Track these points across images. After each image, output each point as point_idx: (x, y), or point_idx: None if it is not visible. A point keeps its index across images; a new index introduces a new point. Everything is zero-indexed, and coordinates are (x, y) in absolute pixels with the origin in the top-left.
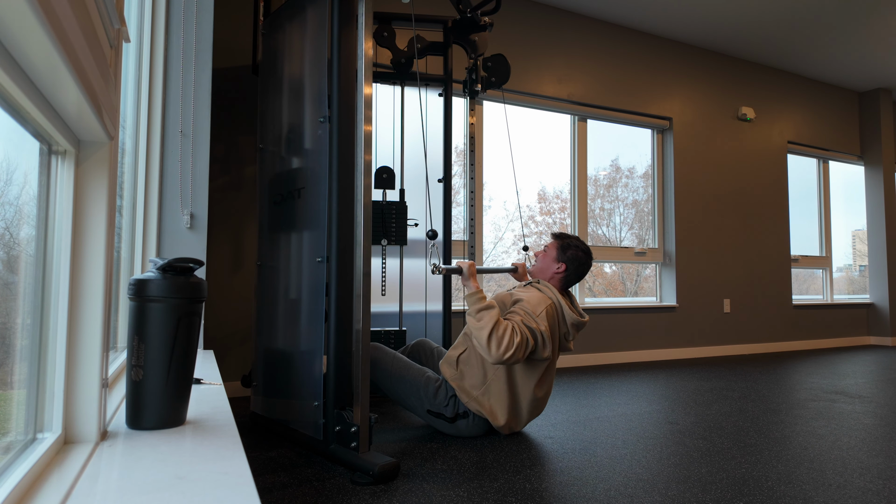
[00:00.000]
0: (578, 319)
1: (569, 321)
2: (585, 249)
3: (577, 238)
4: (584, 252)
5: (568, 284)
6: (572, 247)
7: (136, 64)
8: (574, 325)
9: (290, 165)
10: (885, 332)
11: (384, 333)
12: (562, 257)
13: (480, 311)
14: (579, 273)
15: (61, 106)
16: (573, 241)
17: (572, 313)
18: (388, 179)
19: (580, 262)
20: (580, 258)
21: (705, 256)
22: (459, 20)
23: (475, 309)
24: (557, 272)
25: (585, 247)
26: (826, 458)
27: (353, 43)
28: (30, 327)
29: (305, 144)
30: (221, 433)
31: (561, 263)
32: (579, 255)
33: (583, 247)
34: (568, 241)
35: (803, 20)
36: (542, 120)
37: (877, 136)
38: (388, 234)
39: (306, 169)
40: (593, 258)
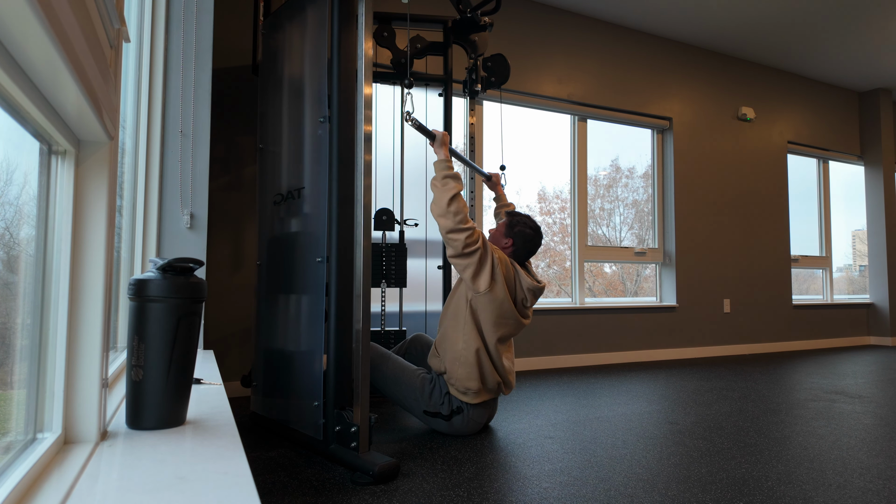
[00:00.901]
0: (535, 285)
1: (525, 286)
2: (534, 227)
3: (527, 217)
4: (531, 229)
5: (518, 258)
6: (519, 223)
7: (136, 64)
8: (530, 290)
9: (290, 165)
10: (885, 332)
11: (384, 333)
12: (509, 233)
13: (447, 178)
14: (528, 248)
15: (61, 106)
16: (521, 218)
17: (528, 279)
18: (387, 221)
19: (527, 238)
20: (527, 234)
21: (705, 256)
22: (459, 20)
23: (442, 174)
24: (506, 247)
25: (535, 224)
26: (826, 458)
27: (353, 43)
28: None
29: (305, 144)
30: (221, 433)
31: (508, 238)
32: (527, 231)
33: (531, 224)
34: (516, 218)
35: (803, 20)
36: (542, 120)
37: (877, 136)
38: (387, 277)
39: (306, 169)
40: (542, 236)
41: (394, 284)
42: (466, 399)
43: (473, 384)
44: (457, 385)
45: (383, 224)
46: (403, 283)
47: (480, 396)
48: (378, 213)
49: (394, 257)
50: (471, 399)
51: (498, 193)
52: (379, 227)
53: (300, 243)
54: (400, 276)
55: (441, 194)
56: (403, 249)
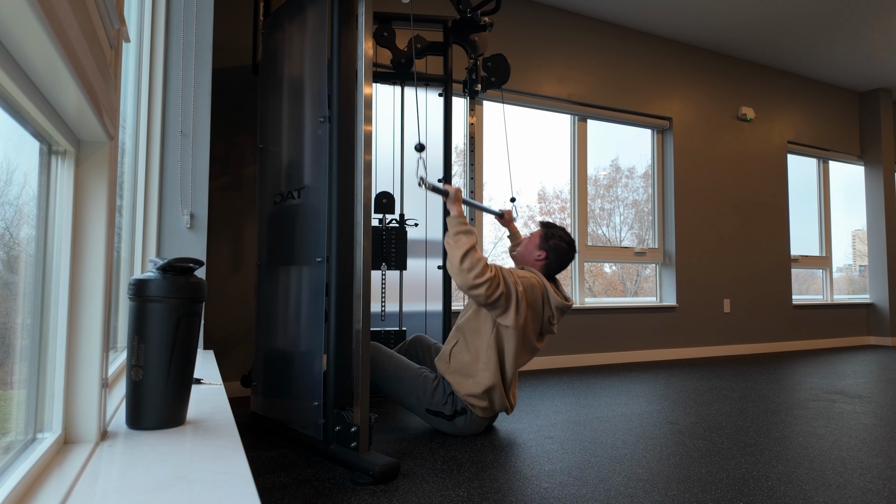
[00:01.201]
0: (563, 303)
1: (553, 304)
2: (569, 241)
3: (562, 229)
4: (566, 244)
5: (549, 272)
6: (555, 237)
7: (136, 64)
8: (559, 308)
9: (290, 165)
10: (885, 332)
11: (384, 333)
12: (544, 245)
13: (459, 234)
14: (560, 263)
15: (61, 106)
16: (557, 231)
17: (557, 297)
18: (387, 205)
19: (561, 253)
20: (562, 248)
21: (705, 256)
22: (459, 20)
23: (455, 231)
24: (538, 259)
25: (570, 238)
26: (826, 458)
27: (353, 43)
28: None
29: (305, 144)
30: (221, 433)
31: (542, 251)
32: (561, 245)
33: (567, 238)
34: (552, 230)
35: (803, 20)
36: (542, 120)
37: (877, 136)
38: (387, 260)
39: (306, 169)
40: (577, 252)
41: (394, 267)
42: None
43: (483, 402)
44: (466, 397)
45: (383, 207)
46: (403, 266)
47: (487, 413)
48: (378, 197)
49: (394, 240)
50: (478, 412)
51: (511, 230)
52: (379, 209)
53: (300, 243)
54: (400, 259)
55: (453, 251)
56: (404, 232)
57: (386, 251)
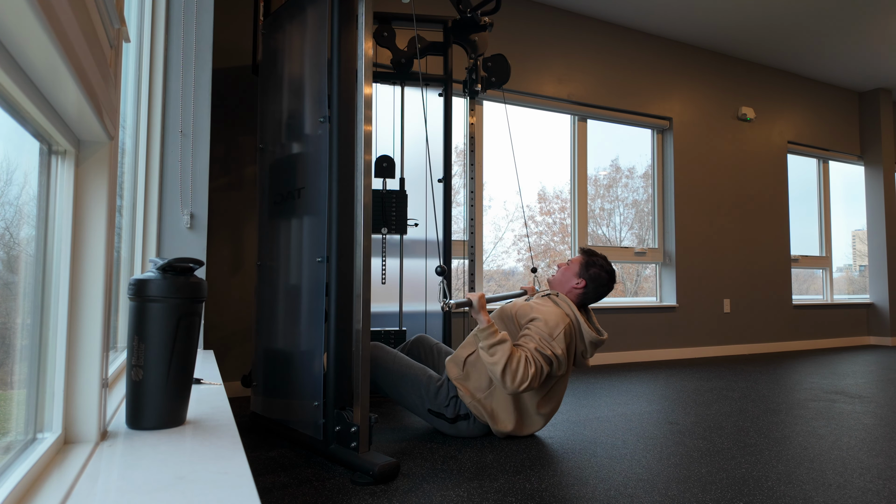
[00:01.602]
0: (597, 338)
1: (587, 339)
2: (610, 271)
3: (604, 258)
4: (607, 273)
5: (585, 302)
6: (597, 265)
7: (136, 64)
8: (592, 343)
9: (290, 165)
10: (885, 332)
11: (384, 333)
12: (583, 273)
13: (493, 346)
14: (598, 293)
15: (61, 106)
16: (599, 260)
17: (590, 331)
18: (388, 168)
19: (600, 283)
20: (602, 278)
21: (705, 256)
22: (459, 20)
23: (488, 344)
24: (576, 287)
25: (611, 269)
26: (826, 458)
27: (353, 43)
28: (30, 327)
29: (305, 144)
30: (221, 433)
31: (581, 279)
32: (602, 275)
33: (608, 268)
34: (594, 259)
35: (803, 20)
36: (542, 120)
37: (877, 136)
38: (388, 223)
39: (306, 169)
40: (616, 281)
41: (394, 231)
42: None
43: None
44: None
45: (384, 171)
46: (404, 231)
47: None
48: (378, 160)
49: (394, 203)
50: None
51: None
52: (380, 173)
53: (300, 243)
54: (400, 223)
55: (493, 367)
56: (404, 196)
57: (386, 215)
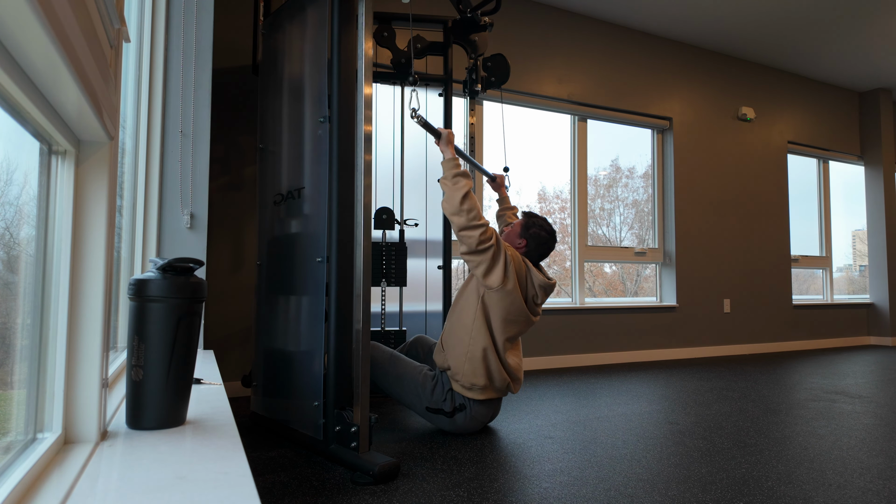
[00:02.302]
0: (546, 281)
1: (536, 282)
2: (549, 230)
3: (543, 219)
4: (546, 232)
5: (530, 259)
6: (535, 226)
7: (136, 64)
8: (542, 286)
9: (290, 165)
10: (885, 332)
11: (384, 333)
12: (524, 234)
13: (457, 176)
14: (540, 251)
15: (61, 106)
16: (538, 220)
17: (539, 275)
18: (387, 220)
19: (541, 241)
20: (541, 237)
21: (705, 256)
22: (459, 20)
23: (452, 174)
24: (519, 247)
25: (550, 228)
26: (826, 458)
27: (353, 43)
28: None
29: (305, 144)
30: (221, 433)
31: (522, 239)
32: (541, 234)
33: (546, 227)
34: (532, 220)
35: (803, 20)
36: (542, 120)
37: (877, 136)
38: (387, 276)
39: (306, 169)
40: (556, 241)
41: (394, 283)
42: (471, 395)
43: (480, 380)
44: (462, 381)
45: (383, 223)
46: (403, 283)
47: (486, 393)
48: (378, 213)
49: (394, 256)
50: (476, 395)
51: (501, 195)
52: (379, 226)
53: (300, 243)
54: (400, 276)
55: (452, 192)
56: (403, 248)
57: (386, 268)
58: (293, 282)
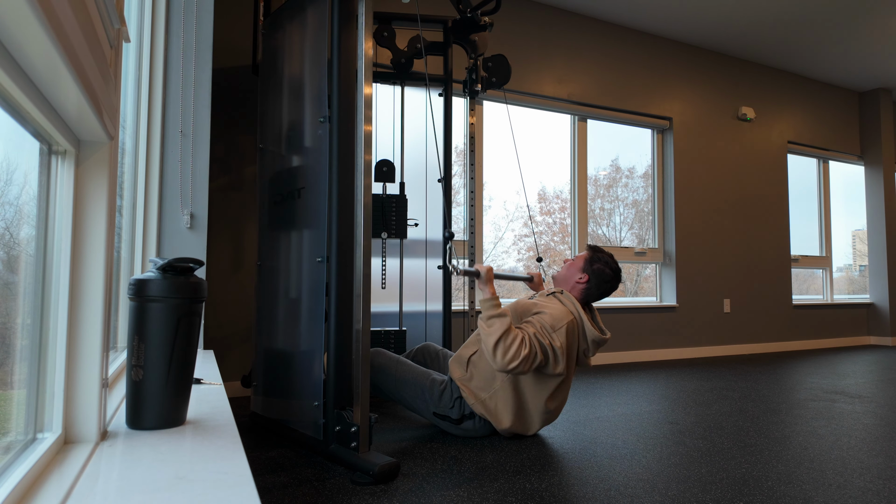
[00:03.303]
0: (600, 337)
1: (590, 337)
2: (615, 268)
3: (610, 255)
4: (611, 270)
5: (588, 298)
6: (601, 261)
7: (136, 64)
8: (595, 341)
9: (290, 165)
10: (885, 332)
11: (384, 333)
12: (587, 269)
13: (492, 318)
14: (601, 290)
15: (61, 106)
16: (604, 256)
17: (594, 329)
18: (388, 173)
19: (604, 279)
20: (605, 275)
21: (705, 256)
22: (459, 20)
23: (487, 315)
24: (579, 282)
25: (616, 266)
26: (826, 458)
27: (353, 43)
28: (30, 327)
29: (305, 144)
30: (221, 433)
31: (584, 274)
32: (606, 271)
33: (612, 265)
34: (598, 255)
35: (803, 20)
36: (542, 120)
37: (877, 136)
38: (388, 228)
39: (306, 169)
40: (622, 280)
41: (394, 235)
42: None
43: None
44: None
45: (384, 175)
46: (404, 235)
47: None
48: (378, 165)
49: (394, 208)
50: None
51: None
52: (380, 178)
53: (300, 243)
54: (400, 227)
55: (487, 338)
56: (404, 200)
57: (386, 219)
58: (293, 282)
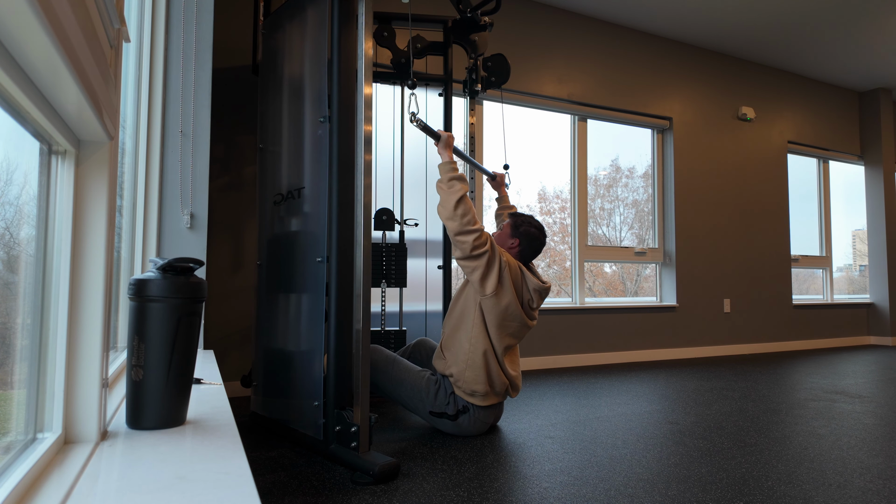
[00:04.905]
0: (541, 285)
1: (531, 286)
2: (538, 226)
3: (530, 216)
4: (536, 228)
5: (525, 259)
6: (524, 223)
7: (136, 64)
8: (537, 290)
9: (290, 165)
10: (885, 332)
11: (384, 333)
12: (515, 233)
13: (453, 180)
14: (533, 248)
15: (61, 106)
16: (525, 218)
17: (534, 279)
18: (387, 221)
19: (532, 238)
20: (532, 233)
21: (705, 256)
22: (459, 20)
23: (448, 177)
24: (512, 247)
25: (538, 224)
26: (826, 458)
27: (353, 43)
28: (30, 327)
29: (305, 144)
30: (221, 433)
31: (514, 239)
32: (531, 230)
33: (535, 224)
34: (520, 219)
35: (803, 20)
36: (543, 120)
37: (877, 136)
38: (387, 277)
39: (306, 169)
40: (547, 236)
41: (394, 284)
42: (473, 401)
43: (481, 387)
44: (463, 387)
45: (383, 224)
46: (403, 283)
47: (488, 399)
48: (378, 213)
49: (394, 257)
50: (478, 401)
51: (501, 194)
52: (379, 227)
53: (300, 243)
54: (400, 276)
55: (447, 196)
56: (403, 249)
57: (386, 269)
58: (293, 282)
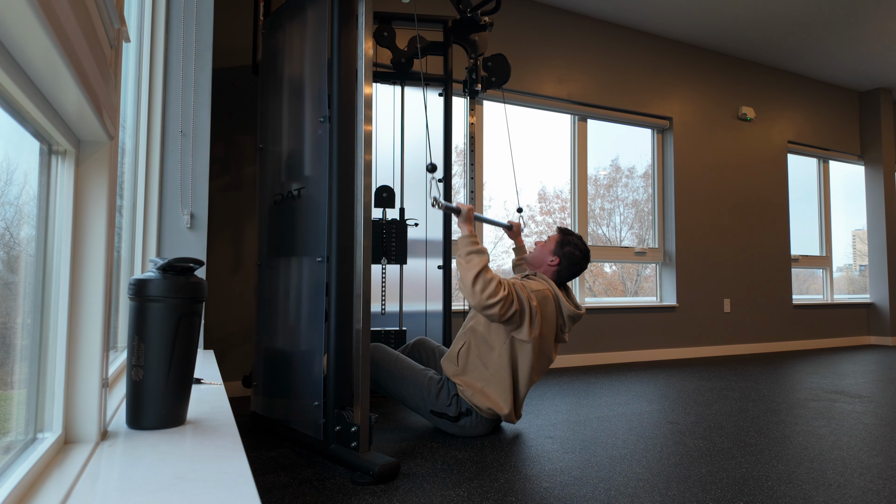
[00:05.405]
0: (575, 311)
1: (565, 313)
2: (584, 250)
3: (579, 237)
4: (580, 252)
5: (560, 279)
6: (570, 244)
7: (136, 64)
8: (570, 316)
9: (290, 165)
10: (885, 332)
11: (384, 333)
12: (558, 251)
13: (471, 254)
14: (572, 271)
15: (61, 106)
16: (573, 238)
17: (569, 305)
18: (387, 198)
19: (574, 261)
20: (575, 256)
21: (705, 256)
22: (459, 20)
23: (466, 251)
24: (551, 264)
25: (585, 247)
26: (826, 458)
27: (353, 43)
28: (30, 327)
29: (305, 144)
30: (221, 433)
31: (555, 257)
32: (575, 253)
33: (581, 246)
34: (568, 237)
35: (803, 20)
36: (542, 120)
37: (877, 136)
38: (388, 253)
39: (306, 169)
40: (591, 260)
41: (394, 261)
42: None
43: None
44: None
45: (384, 201)
46: (404, 260)
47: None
48: (378, 190)
49: (394, 233)
50: (484, 414)
51: (518, 244)
52: (379, 203)
53: (300, 243)
54: (400, 253)
55: (466, 273)
56: (404, 226)
57: (386, 245)
58: (293, 282)
